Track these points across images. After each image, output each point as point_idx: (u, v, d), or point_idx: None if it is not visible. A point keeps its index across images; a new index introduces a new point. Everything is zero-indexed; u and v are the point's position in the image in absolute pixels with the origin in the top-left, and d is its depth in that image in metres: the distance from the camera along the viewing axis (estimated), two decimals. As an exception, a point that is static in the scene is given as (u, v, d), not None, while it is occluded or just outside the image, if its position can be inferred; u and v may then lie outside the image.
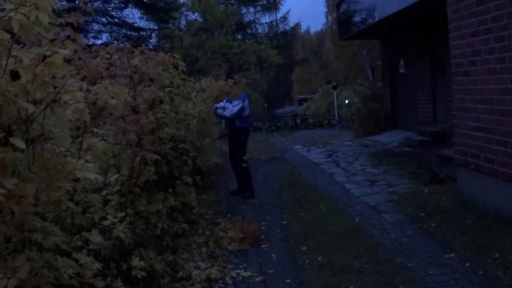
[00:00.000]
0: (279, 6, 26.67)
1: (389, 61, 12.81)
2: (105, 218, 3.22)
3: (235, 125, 6.69)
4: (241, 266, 4.22)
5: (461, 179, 5.57)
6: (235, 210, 6.12)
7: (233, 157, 6.89)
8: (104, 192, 3.66)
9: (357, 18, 12.08)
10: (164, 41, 16.48)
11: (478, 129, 5.05)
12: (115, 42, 13.35)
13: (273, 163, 9.75)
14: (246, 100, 6.78)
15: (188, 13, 17.25)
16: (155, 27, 17.00)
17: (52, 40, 2.25)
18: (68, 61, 2.80)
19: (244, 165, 6.70)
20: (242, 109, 6.60)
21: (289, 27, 27.81)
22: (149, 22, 16.84)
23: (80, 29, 11.41)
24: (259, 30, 26.40)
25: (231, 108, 6.58)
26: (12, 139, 2.01)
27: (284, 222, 5.53)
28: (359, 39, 15.37)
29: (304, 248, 4.56)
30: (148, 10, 15.40)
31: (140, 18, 16.26)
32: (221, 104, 6.73)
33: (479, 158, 5.03)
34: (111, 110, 2.81)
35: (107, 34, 14.67)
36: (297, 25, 29.57)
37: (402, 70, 11.70)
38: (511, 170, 4.48)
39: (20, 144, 1.99)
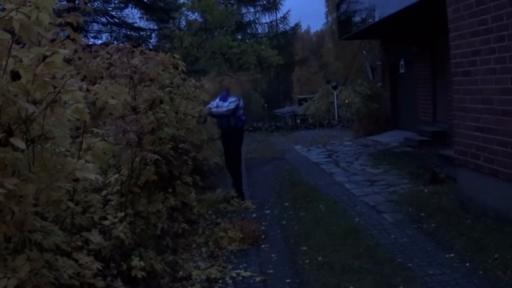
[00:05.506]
0: (279, 6, 26.69)
1: (389, 61, 12.81)
2: (105, 218, 3.22)
3: (230, 124, 6.45)
4: (241, 266, 4.22)
5: (461, 179, 5.57)
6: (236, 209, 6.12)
7: (228, 158, 6.78)
8: (104, 192, 3.65)
9: (357, 18, 12.08)
10: (164, 41, 16.48)
11: (478, 129, 5.05)
12: (115, 42, 13.36)
13: (273, 163, 9.75)
14: (241, 100, 6.61)
15: (188, 13, 17.24)
16: (155, 27, 17.00)
17: (52, 40, 2.25)
18: (68, 61, 2.81)
19: (239, 166, 6.66)
20: (238, 107, 6.43)
21: (289, 27, 27.82)
22: (149, 22, 16.85)
23: (80, 29, 11.40)
24: (259, 30, 26.42)
25: (226, 104, 6.38)
26: (12, 139, 2.01)
27: (284, 222, 5.53)
28: (359, 39, 15.36)
29: (304, 248, 4.56)
30: (148, 10, 15.40)
31: (140, 18, 16.27)
32: (214, 103, 6.55)
33: (479, 158, 5.03)
34: (111, 110, 2.81)
35: (107, 34, 14.69)
36: (297, 25, 29.56)
37: (402, 70, 11.70)
38: (511, 170, 4.48)
39: (20, 144, 1.99)
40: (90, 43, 11.88)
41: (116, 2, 14.92)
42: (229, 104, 6.37)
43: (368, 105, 12.65)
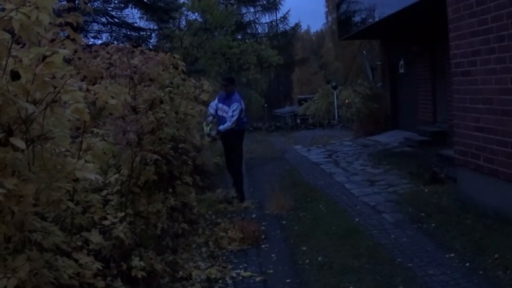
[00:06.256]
0: (279, 6, 26.67)
1: (389, 61, 12.81)
2: (105, 218, 3.22)
3: (233, 127, 6.42)
4: (241, 266, 4.22)
5: (461, 179, 5.57)
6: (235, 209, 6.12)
7: (229, 158, 6.78)
8: (104, 192, 3.65)
9: (357, 18, 12.09)
10: (164, 41, 16.45)
11: (478, 129, 5.05)
12: (115, 42, 13.33)
13: (273, 163, 9.75)
14: (242, 102, 6.56)
15: (188, 13, 17.22)
16: (155, 27, 16.98)
17: (52, 40, 2.25)
18: (68, 61, 2.80)
19: (240, 167, 6.66)
20: (241, 111, 6.40)
21: (289, 27, 27.78)
22: (149, 22, 16.82)
23: (80, 29, 11.40)
24: (259, 30, 26.39)
25: (230, 113, 6.32)
26: (12, 139, 2.01)
27: (284, 222, 5.53)
28: (359, 39, 15.37)
29: (304, 248, 4.56)
30: (148, 10, 15.37)
31: (140, 18, 16.24)
32: (213, 104, 6.54)
33: (479, 158, 5.03)
34: (111, 110, 2.80)
35: (107, 34, 14.64)
36: (297, 25, 29.49)
37: (402, 70, 11.70)
38: (511, 170, 4.48)
39: (20, 144, 1.99)
40: (90, 43, 11.87)
41: (116, 2, 14.89)
42: (233, 114, 6.30)
43: (368, 105, 12.64)
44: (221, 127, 6.41)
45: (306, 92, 32.09)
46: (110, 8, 14.64)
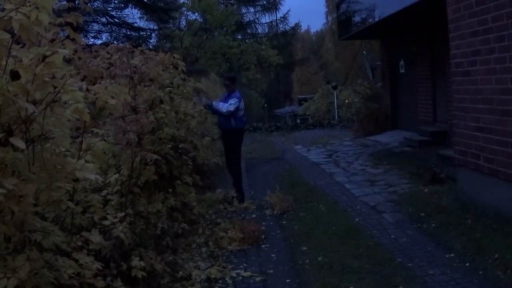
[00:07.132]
0: (279, 6, 26.71)
1: (389, 61, 12.81)
2: (105, 218, 3.22)
3: (231, 125, 6.47)
4: (241, 266, 4.22)
5: (461, 179, 5.57)
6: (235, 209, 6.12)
7: (228, 158, 6.79)
8: (104, 192, 3.66)
9: (357, 18, 12.09)
10: (164, 41, 16.48)
11: (478, 129, 5.05)
12: (115, 42, 13.34)
13: (273, 163, 9.75)
14: (242, 101, 6.62)
15: (188, 13, 17.24)
16: (155, 27, 17.01)
17: (52, 40, 2.25)
18: (68, 61, 2.80)
19: (239, 167, 6.66)
20: (238, 108, 6.42)
21: (289, 27, 27.83)
22: (149, 22, 16.86)
23: (80, 29, 11.40)
24: (259, 30, 26.43)
25: (227, 105, 6.39)
26: (12, 139, 2.01)
27: (284, 222, 5.53)
28: (359, 39, 15.36)
29: (304, 248, 4.56)
30: (148, 10, 15.40)
31: (140, 18, 16.27)
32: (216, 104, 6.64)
33: (479, 158, 5.03)
34: (111, 110, 2.80)
35: (107, 34, 14.67)
36: (297, 25, 29.53)
37: (402, 70, 11.70)
38: (511, 170, 4.48)
39: (20, 144, 1.99)
40: (90, 43, 11.87)
41: (116, 2, 14.92)
42: (229, 105, 6.36)
43: (368, 105, 12.64)
44: (215, 103, 6.46)
45: (306, 92, 32.07)
46: (110, 8, 14.67)
